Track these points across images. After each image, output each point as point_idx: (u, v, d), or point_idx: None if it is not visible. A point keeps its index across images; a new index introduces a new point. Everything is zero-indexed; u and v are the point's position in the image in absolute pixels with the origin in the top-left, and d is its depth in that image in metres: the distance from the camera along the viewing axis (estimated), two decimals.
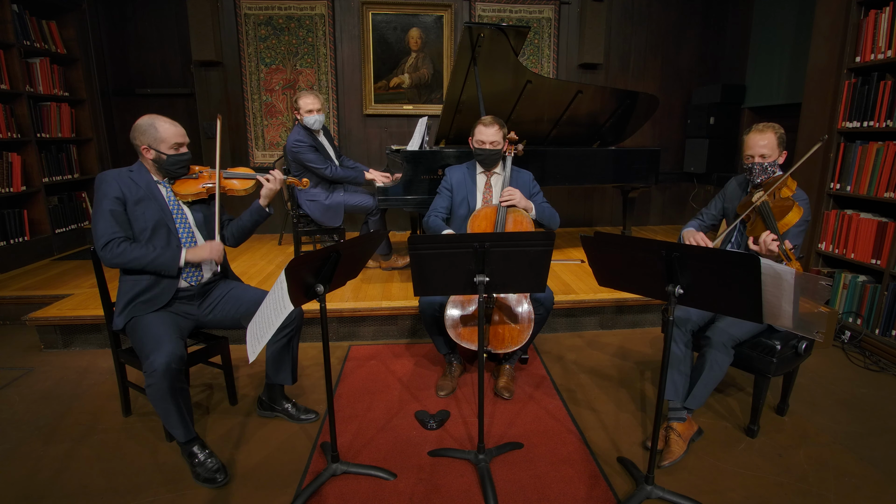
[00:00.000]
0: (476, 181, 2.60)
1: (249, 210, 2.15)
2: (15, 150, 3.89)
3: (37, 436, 2.10)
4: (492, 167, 2.56)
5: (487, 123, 2.47)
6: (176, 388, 1.78)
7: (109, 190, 1.89)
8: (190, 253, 1.96)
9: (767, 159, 2.07)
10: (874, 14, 2.86)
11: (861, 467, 1.92)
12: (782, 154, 2.11)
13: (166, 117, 1.98)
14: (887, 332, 2.82)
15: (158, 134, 1.93)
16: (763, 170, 2.09)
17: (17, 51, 3.87)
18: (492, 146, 2.47)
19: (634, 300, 3.16)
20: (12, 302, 3.27)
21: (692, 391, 2.01)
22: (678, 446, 1.95)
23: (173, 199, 2.03)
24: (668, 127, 5.47)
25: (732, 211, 2.27)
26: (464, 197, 2.57)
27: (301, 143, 3.28)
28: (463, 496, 1.75)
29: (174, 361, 1.76)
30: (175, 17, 4.98)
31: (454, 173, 2.63)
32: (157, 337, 1.82)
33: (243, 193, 2.16)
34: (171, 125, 1.96)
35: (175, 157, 1.97)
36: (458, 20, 4.90)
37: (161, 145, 1.94)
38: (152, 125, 1.93)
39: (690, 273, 1.51)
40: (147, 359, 1.76)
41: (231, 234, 2.18)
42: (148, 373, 1.75)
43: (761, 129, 2.10)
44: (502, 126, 2.50)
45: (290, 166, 3.44)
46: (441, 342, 2.50)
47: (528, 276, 1.81)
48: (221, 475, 1.81)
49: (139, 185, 1.95)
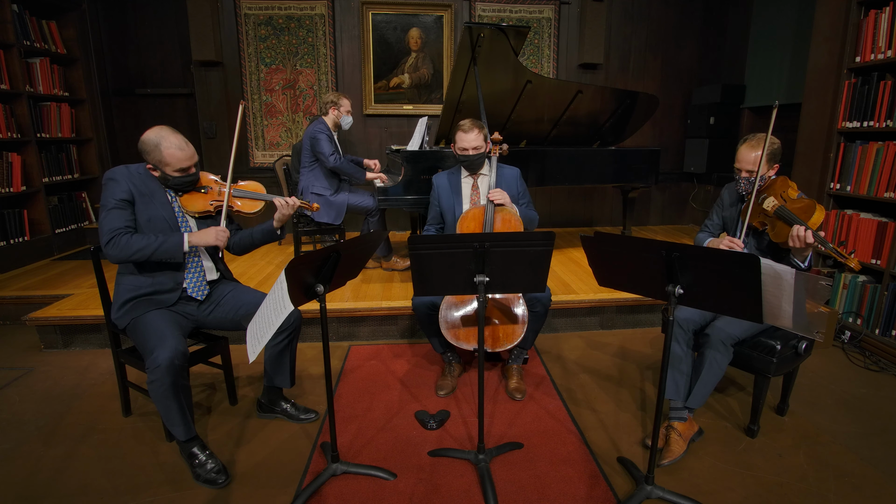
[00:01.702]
0: (461, 185, 2.59)
1: (262, 229, 2.13)
2: (15, 150, 3.89)
3: (37, 436, 2.10)
4: (477, 170, 2.56)
5: (467, 129, 2.43)
6: (178, 384, 1.78)
7: (117, 190, 1.87)
8: (194, 237, 1.93)
9: (755, 174, 2.05)
10: (874, 14, 2.86)
11: (861, 467, 1.91)
12: (773, 168, 2.09)
13: (176, 134, 1.91)
14: (887, 332, 2.82)
15: (163, 157, 1.88)
16: (750, 184, 2.07)
17: (17, 51, 3.87)
18: (475, 151, 2.45)
19: (634, 300, 3.16)
20: (12, 302, 3.27)
21: (692, 391, 2.00)
22: (678, 445, 1.95)
23: (179, 210, 2.02)
24: (668, 127, 5.46)
25: (731, 219, 2.25)
26: (450, 204, 2.57)
27: (322, 133, 3.39)
28: (463, 496, 1.75)
29: (177, 357, 1.76)
30: (175, 17, 4.98)
31: (440, 181, 2.64)
32: (159, 333, 1.82)
33: (250, 216, 2.12)
34: (177, 149, 1.88)
35: (180, 179, 1.94)
36: (458, 20, 4.90)
37: (166, 168, 1.91)
38: (157, 147, 1.86)
39: (690, 273, 1.51)
40: (150, 354, 1.76)
41: (237, 244, 2.15)
42: (151, 368, 1.75)
43: (753, 144, 2.06)
44: (482, 128, 2.47)
45: (304, 155, 3.48)
46: (437, 342, 2.49)
47: (528, 276, 1.81)
48: (223, 476, 1.81)
49: (148, 186, 1.94)
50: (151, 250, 1.86)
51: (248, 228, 2.17)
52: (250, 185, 2.16)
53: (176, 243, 1.90)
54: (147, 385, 1.79)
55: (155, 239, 1.87)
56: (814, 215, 1.91)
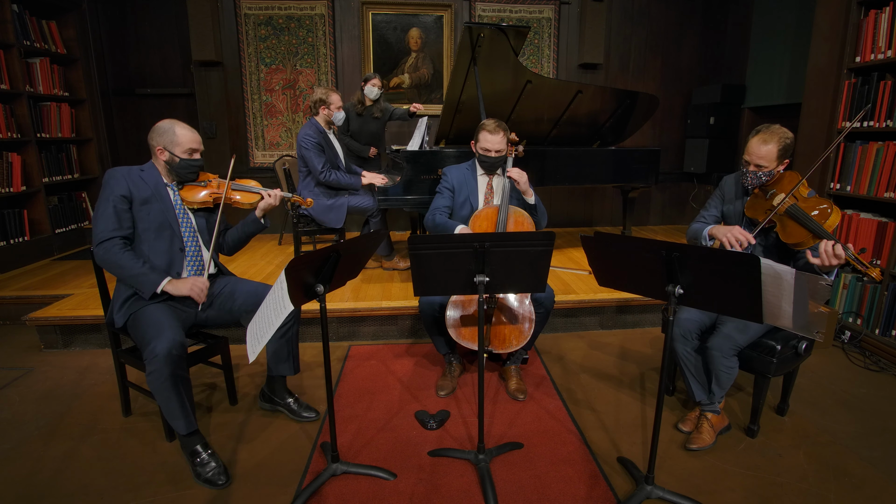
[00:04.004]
0: (478, 182, 2.59)
1: (244, 221, 2.19)
2: (15, 150, 3.89)
3: (37, 436, 2.10)
4: (495, 170, 2.55)
5: (492, 130, 2.40)
6: (177, 375, 1.79)
7: (117, 188, 1.91)
8: (171, 285, 1.95)
9: (763, 169, 1.99)
10: (874, 14, 2.86)
11: (861, 467, 1.92)
12: (782, 163, 2.00)
13: (186, 124, 2.02)
14: (887, 332, 2.82)
15: (175, 137, 1.97)
16: (757, 178, 2.01)
17: (17, 51, 3.86)
18: (497, 154, 2.43)
19: (634, 300, 3.16)
20: (12, 302, 3.27)
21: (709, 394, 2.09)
22: (709, 435, 2.03)
23: (179, 203, 2.05)
24: (668, 127, 5.47)
25: (734, 213, 2.16)
26: (466, 198, 2.55)
27: (310, 139, 3.26)
28: (463, 496, 1.75)
29: (175, 347, 1.77)
30: (175, 17, 4.98)
31: (454, 173, 2.60)
32: (157, 324, 1.83)
33: (248, 207, 2.19)
34: (189, 131, 2.00)
35: (187, 161, 2.00)
36: (458, 20, 4.90)
37: (176, 148, 1.97)
38: (171, 128, 1.97)
39: (690, 273, 1.51)
40: (148, 345, 1.77)
41: (227, 242, 2.23)
42: (149, 359, 1.76)
43: (766, 137, 1.95)
44: (506, 131, 2.44)
45: (299, 161, 3.44)
46: (441, 342, 2.50)
47: (529, 276, 1.81)
48: (223, 477, 1.81)
49: (148, 184, 1.97)
50: (130, 273, 1.90)
51: (234, 226, 2.23)
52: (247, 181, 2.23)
53: (151, 282, 1.92)
54: (146, 377, 1.79)
55: (140, 266, 1.90)
56: (831, 217, 1.82)
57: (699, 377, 2.10)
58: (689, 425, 2.13)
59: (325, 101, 3.31)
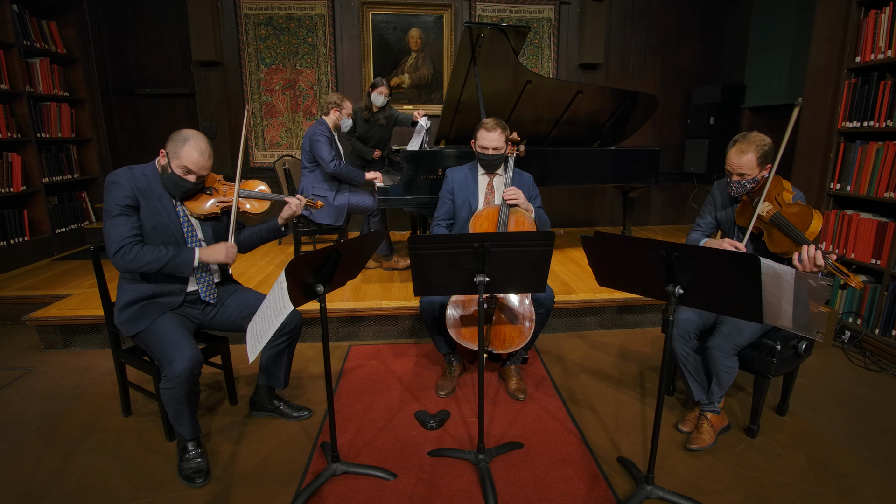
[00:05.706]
0: (478, 182, 2.59)
1: (268, 227, 2.13)
2: (15, 150, 3.89)
3: (37, 436, 2.10)
4: (494, 169, 2.55)
5: (490, 128, 2.40)
6: (193, 391, 1.81)
7: (121, 193, 1.82)
8: (204, 253, 1.92)
9: (746, 177, 2.00)
10: (874, 14, 2.86)
11: (861, 467, 1.92)
12: (764, 169, 2.00)
13: (207, 145, 1.90)
14: (887, 332, 2.82)
15: (180, 151, 1.84)
16: (741, 186, 2.02)
17: (17, 51, 3.87)
18: (495, 151, 2.43)
19: (634, 300, 3.16)
20: (12, 302, 3.27)
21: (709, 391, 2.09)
22: (709, 435, 2.03)
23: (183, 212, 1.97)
24: (668, 127, 5.47)
25: (728, 219, 2.18)
26: (465, 199, 2.55)
27: (322, 135, 3.39)
28: (463, 496, 1.75)
29: (196, 367, 1.77)
30: (175, 17, 4.98)
31: (455, 174, 2.60)
32: (176, 341, 1.81)
33: (259, 216, 2.12)
34: (198, 152, 1.85)
35: (176, 177, 1.87)
36: (458, 20, 4.90)
37: (174, 160, 1.86)
38: (186, 141, 1.84)
39: (690, 273, 1.51)
40: (170, 364, 1.75)
41: (242, 243, 2.13)
42: (169, 377, 1.75)
43: (743, 147, 1.97)
44: (505, 129, 2.43)
45: (304, 157, 3.50)
46: (441, 342, 2.49)
47: (529, 276, 1.81)
48: (201, 478, 1.80)
49: (153, 188, 1.90)
50: (162, 264, 1.85)
51: (253, 226, 2.17)
52: (254, 184, 2.14)
53: (186, 259, 1.89)
54: (161, 391, 1.79)
55: (166, 252, 1.85)
56: (811, 224, 1.84)
57: (698, 377, 2.11)
58: (688, 425, 2.13)
59: (340, 105, 3.48)
